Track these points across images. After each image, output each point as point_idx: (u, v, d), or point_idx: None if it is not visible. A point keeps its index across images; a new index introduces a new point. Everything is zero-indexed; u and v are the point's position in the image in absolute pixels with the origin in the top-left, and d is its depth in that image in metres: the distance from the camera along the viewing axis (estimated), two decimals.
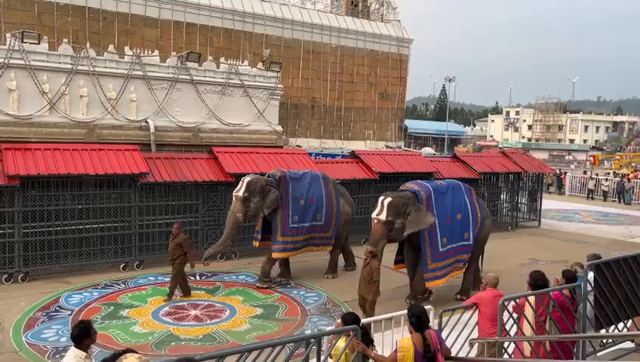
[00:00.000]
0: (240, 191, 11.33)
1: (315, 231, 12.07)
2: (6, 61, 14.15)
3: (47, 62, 14.90)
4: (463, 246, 10.64)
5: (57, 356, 7.83)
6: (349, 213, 12.73)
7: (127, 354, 2.42)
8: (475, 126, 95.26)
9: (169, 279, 11.42)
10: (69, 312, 9.62)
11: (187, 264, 10.52)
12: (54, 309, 9.78)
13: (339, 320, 5.33)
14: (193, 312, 9.87)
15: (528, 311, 5.78)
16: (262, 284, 11.40)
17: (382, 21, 30.21)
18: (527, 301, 5.80)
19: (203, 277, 11.95)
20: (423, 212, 9.96)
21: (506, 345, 5.97)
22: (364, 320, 5.41)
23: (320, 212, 12.13)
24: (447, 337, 5.77)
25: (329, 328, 6.11)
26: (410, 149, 36.70)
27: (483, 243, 11.44)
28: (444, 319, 6.34)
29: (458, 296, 10.87)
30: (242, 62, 19.87)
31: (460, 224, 10.59)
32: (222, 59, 19.38)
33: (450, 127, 68.69)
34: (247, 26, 24.71)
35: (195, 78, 17.43)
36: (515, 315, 5.96)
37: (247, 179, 11.54)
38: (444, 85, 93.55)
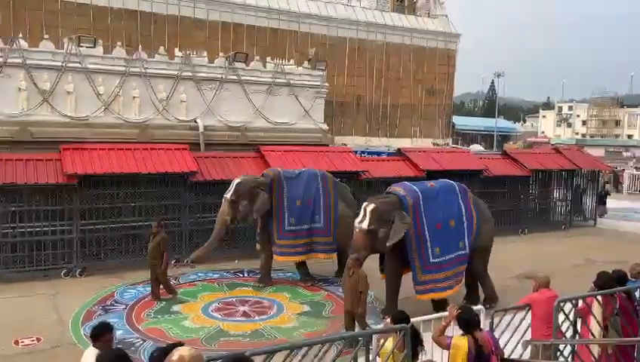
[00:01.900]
0: (228, 193, 11.00)
1: (316, 236, 11.37)
2: (64, 65, 14.76)
3: (102, 65, 15.46)
4: (459, 256, 9.46)
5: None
6: (348, 216, 11.25)
7: (179, 348, 2.47)
8: (525, 122, 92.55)
9: (219, 276, 11.67)
10: (124, 306, 9.96)
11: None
12: (110, 303, 10.14)
13: (388, 319, 5.29)
14: (242, 308, 10.03)
15: (596, 313, 5.56)
16: (258, 283, 11.18)
17: (429, 16, 29.76)
18: (596, 300, 5.57)
19: (251, 274, 12.11)
20: (407, 219, 9.01)
21: (561, 347, 5.77)
22: (413, 319, 5.34)
23: (318, 213, 11.42)
24: (498, 338, 5.63)
25: (377, 326, 6.07)
26: (458, 146, 36.02)
27: (484, 252, 10.05)
28: (496, 320, 6.19)
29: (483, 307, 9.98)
30: (288, 61, 20.01)
31: (453, 231, 9.42)
32: (268, 59, 19.58)
33: (499, 123, 66.96)
34: (293, 25, 24.86)
35: (242, 77, 17.68)
36: (571, 317, 5.76)
37: (236, 180, 11.18)
38: (492, 81, 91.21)
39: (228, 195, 10.99)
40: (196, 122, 16.71)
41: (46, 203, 11.82)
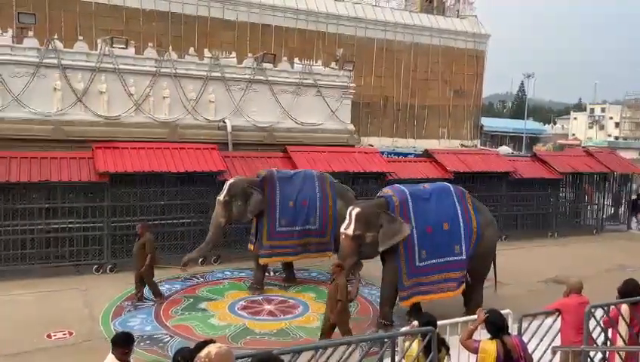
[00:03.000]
0: (221, 194, 10.84)
1: (310, 236, 11.15)
2: (97, 65, 15.10)
3: (134, 65, 15.75)
4: (452, 262, 8.95)
5: (142, 344, 8.28)
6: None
7: (210, 345, 2.51)
8: (555, 124, 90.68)
9: (245, 274, 11.77)
10: (153, 303, 10.14)
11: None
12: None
13: (414, 322, 5.28)
14: (267, 307, 10.11)
15: (621, 322, 5.43)
16: (252, 292, 10.83)
17: (458, 17, 29.46)
18: (619, 312, 5.45)
19: (277, 273, 12.19)
20: (397, 222, 8.64)
21: (592, 354, 5.66)
22: (440, 323, 5.31)
23: (313, 215, 11.17)
24: (527, 343, 5.55)
25: (403, 328, 6.06)
26: (487, 148, 35.56)
27: (484, 258, 9.49)
28: (524, 324, 6.11)
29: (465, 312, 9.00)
30: (316, 62, 20.06)
31: (447, 235, 8.92)
32: (296, 60, 19.65)
33: (528, 125, 65.76)
34: (321, 25, 24.91)
35: (270, 78, 17.80)
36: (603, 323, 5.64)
37: (229, 181, 11.06)
38: (522, 81, 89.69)
39: (221, 197, 10.82)
40: (224, 122, 16.89)
41: (78, 200, 12.13)
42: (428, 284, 8.85)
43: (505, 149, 38.59)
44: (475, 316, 5.14)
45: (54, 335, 8.57)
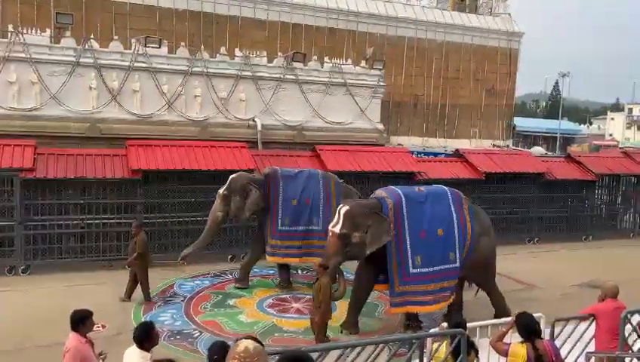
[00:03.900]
0: (222, 188, 10.78)
1: (312, 238, 10.80)
2: (131, 64, 15.41)
3: (167, 64, 16.03)
4: (447, 270, 8.58)
5: (172, 338, 8.43)
6: None
7: (243, 340, 2.52)
8: (591, 124, 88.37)
9: (273, 272, 11.82)
10: (182, 298, 10.30)
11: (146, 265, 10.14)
12: (170, 294, 10.53)
13: (444, 323, 5.22)
14: (295, 305, 10.14)
15: None
16: (240, 285, 10.88)
17: (490, 15, 29.00)
18: None
19: (304, 272, 12.22)
20: (386, 223, 8.33)
21: (627, 360, 5.51)
22: (470, 325, 5.24)
23: (316, 215, 10.92)
24: (560, 348, 5.43)
25: (432, 330, 6.00)
26: (519, 148, 34.92)
27: (482, 267, 9.07)
28: (557, 329, 5.98)
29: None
30: (346, 61, 20.04)
31: (441, 241, 8.55)
32: (326, 59, 19.67)
33: (563, 125, 64.29)
34: (351, 24, 24.85)
35: (299, 77, 17.86)
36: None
37: (232, 176, 10.92)
38: (556, 81, 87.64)
39: (221, 190, 10.75)
40: (254, 121, 17.03)
41: (112, 196, 12.40)
42: (425, 294, 8.48)
43: (538, 150, 37.80)
44: (505, 319, 5.06)
45: None
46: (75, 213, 12.12)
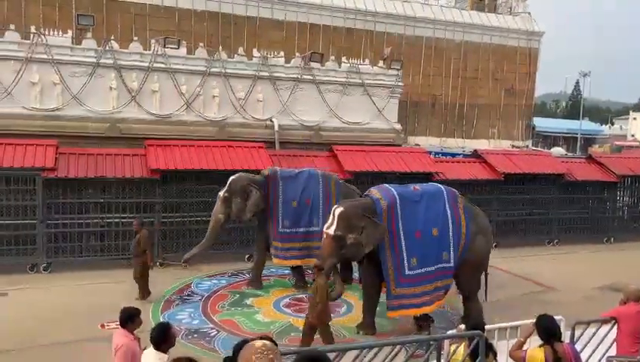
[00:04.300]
0: (222, 190, 10.71)
1: (313, 240, 10.61)
2: (150, 65, 15.57)
3: (185, 65, 16.16)
4: (441, 269, 8.51)
5: (189, 337, 8.49)
6: None
7: (257, 340, 2.52)
8: (613, 124, 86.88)
9: (289, 272, 11.83)
10: (200, 297, 10.37)
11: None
12: (187, 294, 10.60)
13: (462, 326, 5.18)
14: None
15: None
16: (252, 286, 10.85)
17: (510, 14, 28.69)
18: None
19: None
20: (380, 226, 8.25)
21: None
22: (488, 327, 5.18)
23: (316, 216, 10.76)
24: (580, 352, 5.35)
25: (450, 331, 5.95)
26: (539, 149, 34.48)
27: (473, 268, 8.86)
28: (577, 332, 5.89)
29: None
30: (363, 61, 19.99)
31: (436, 242, 8.43)
32: (343, 59, 19.65)
33: (584, 125, 63.29)
34: (369, 24, 24.79)
35: (317, 77, 17.87)
36: None
37: (232, 177, 10.84)
38: (577, 80, 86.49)
39: (221, 193, 10.72)
40: (272, 121, 17.07)
41: (131, 195, 12.53)
42: (421, 295, 8.38)
43: (558, 150, 37.24)
44: (524, 321, 5.00)
45: (107, 326, 8.87)
46: (95, 212, 12.27)
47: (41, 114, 14.53)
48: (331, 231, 8.27)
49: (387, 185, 9.00)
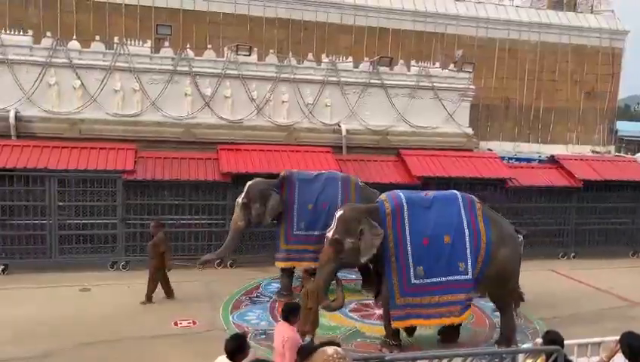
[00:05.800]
0: (240, 196, 10.63)
1: None
2: (223, 72, 16.06)
3: (256, 71, 16.53)
4: (455, 281, 7.93)
5: (257, 337, 8.66)
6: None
7: (329, 347, 2.52)
8: None
9: (355, 276, 11.78)
10: (268, 299, 10.54)
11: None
12: (256, 295, 10.83)
13: (538, 339, 4.93)
14: (378, 311, 10.01)
15: None
16: (278, 297, 10.52)
17: (591, 12, 27.22)
18: None
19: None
20: (377, 230, 7.86)
21: None
22: (567, 342, 4.91)
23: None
24: None
25: (525, 345, 5.69)
26: (622, 155, 32.43)
27: (500, 281, 8.23)
28: None
29: (496, 346, 8.14)
30: (433, 64, 19.63)
31: (448, 249, 7.89)
32: (412, 62, 19.39)
33: None
34: (439, 27, 24.30)
35: (385, 81, 17.73)
36: None
37: (249, 183, 10.77)
38: None
39: (239, 199, 10.65)
40: (339, 126, 17.12)
41: (204, 198, 12.97)
42: (428, 307, 7.97)
43: None
44: (606, 338, 4.69)
45: (180, 323, 9.23)
46: (169, 213, 12.79)
47: (122, 119, 15.32)
48: (329, 234, 8.12)
49: (399, 191, 8.61)
